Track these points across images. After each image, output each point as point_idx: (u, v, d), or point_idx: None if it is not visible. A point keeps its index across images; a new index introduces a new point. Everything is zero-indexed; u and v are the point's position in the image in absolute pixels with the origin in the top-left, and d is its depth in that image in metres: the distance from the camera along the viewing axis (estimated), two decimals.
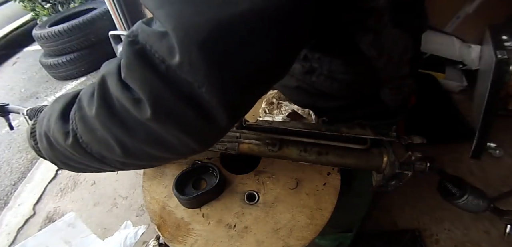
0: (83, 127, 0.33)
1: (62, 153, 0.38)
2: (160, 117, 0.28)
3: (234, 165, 0.63)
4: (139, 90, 0.28)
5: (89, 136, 0.34)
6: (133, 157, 0.33)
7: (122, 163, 0.36)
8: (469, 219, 1.12)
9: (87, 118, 0.33)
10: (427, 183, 1.17)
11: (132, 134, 0.31)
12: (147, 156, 0.34)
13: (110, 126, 0.31)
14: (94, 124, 0.32)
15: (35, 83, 2.77)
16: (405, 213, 1.18)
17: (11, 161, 1.88)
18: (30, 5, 2.94)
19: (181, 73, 0.26)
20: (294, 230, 0.52)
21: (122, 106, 0.30)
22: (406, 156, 0.48)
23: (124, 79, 0.29)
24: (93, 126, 0.32)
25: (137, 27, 0.29)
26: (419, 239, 1.09)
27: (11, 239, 1.34)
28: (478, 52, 1.51)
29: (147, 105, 0.28)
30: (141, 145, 0.32)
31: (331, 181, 0.58)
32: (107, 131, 0.31)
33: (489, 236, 1.07)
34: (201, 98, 0.27)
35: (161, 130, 0.30)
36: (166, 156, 0.34)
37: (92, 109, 0.31)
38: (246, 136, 0.56)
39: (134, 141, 0.31)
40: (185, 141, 0.31)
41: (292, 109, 0.67)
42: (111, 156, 0.34)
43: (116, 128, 0.31)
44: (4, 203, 1.57)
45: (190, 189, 0.57)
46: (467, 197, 0.53)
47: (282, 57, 0.29)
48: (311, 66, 0.57)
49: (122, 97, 0.29)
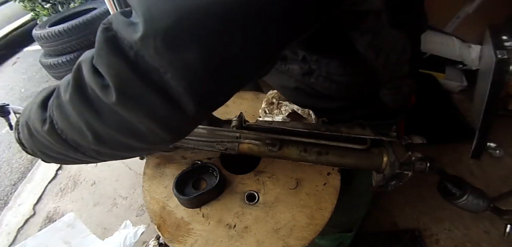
0: (59, 113, 0.34)
1: (40, 141, 0.39)
2: (125, 102, 0.28)
3: (234, 165, 0.63)
4: (106, 75, 0.28)
5: (64, 122, 0.34)
6: (105, 144, 0.34)
7: (96, 151, 0.36)
8: (469, 219, 1.12)
9: (62, 104, 0.33)
10: (427, 183, 1.17)
11: (103, 120, 0.31)
12: (119, 144, 0.34)
13: (82, 111, 0.32)
14: (68, 109, 0.33)
15: (35, 83, 2.77)
16: (405, 213, 1.18)
17: (11, 161, 1.87)
18: (30, 5, 2.93)
19: (149, 59, 0.26)
20: (294, 230, 0.52)
21: (93, 92, 0.30)
22: (406, 156, 0.48)
23: (95, 65, 0.29)
24: (67, 111, 0.33)
25: (112, 15, 0.29)
26: (419, 239, 1.09)
27: (11, 239, 1.34)
28: (478, 52, 1.51)
29: (112, 89, 0.28)
30: (111, 131, 0.32)
31: (331, 181, 0.58)
32: (80, 116, 0.32)
33: (489, 236, 1.07)
34: (168, 84, 0.27)
35: (128, 115, 0.30)
36: (137, 144, 0.34)
37: (67, 94, 0.32)
38: (246, 136, 0.55)
39: (105, 128, 0.32)
40: (152, 129, 0.31)
41: (292, 109, 0.67)
42: (84, 144, 0.35)
43: (88, 113, 0.31)
44: (4, 203, 1.56)
45: (190, 189, 0.57)
46: (467, 197, 0.53)
47: (255, 52, 0.29)
48: (309, 67, 0.57)
49: (92, 82, 0.29)
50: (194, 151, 0.66)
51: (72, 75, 0.32)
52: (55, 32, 2.33)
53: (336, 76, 0.55)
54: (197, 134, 0.58)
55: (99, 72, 0.29)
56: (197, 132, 0.59)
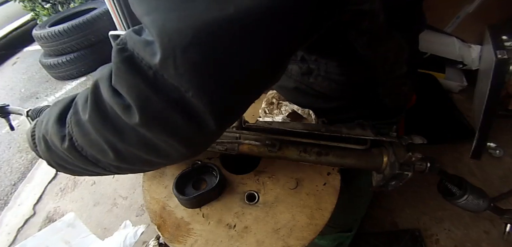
0: (78, 131, 0.34)
1: (59, 155, 0.39)
2: (148, 122, 0.28)
3: (234, 165, 0.63)
4: (127, 96, 0.28)
5: (83, 139, 0.34)
6: (126, 161, 0.34)
7: (116, 167, 0.37)
8: (469, 219, 1.12)
9: (81, 123, 0.33)
10: (427, 183, 1.17)
11: (124, 138, 0.31)
12: (140, 161, 0.34)
13: (102, 130, 0.31)
14: (88, 128, 0.33)
15: (35, 83, 2.77)
16: (405, 213, 1.18)
17: (11, 161, 1.88)
18: (30, 5, 2.93)
19: (168, 78, 0.26)
20: (294, 230, 0.52)
21: (113, 112, 0.30)
22: (406, 156, 0.48)
23: (114, 86, 0.29)
24: (87, 129, 0.33)
25: (126, 35, 0.29)
26: (419, 239, 1.09)
27: (11, 239, 1.34)
28: (478, 52, 1.51)
29: (135, 110, 0.28)
30: (132, 149, 0.32)
31: (331, 181, 0.58)
32: (100, 135, 0.32)
33: (489, 236, 1.07)
34: (189, 103, 0.27)
35: (151, 135, 0.30)
36: (158, 160, 0.34)
37: (86, 113, 0.32)
38: (246, 137, 0.55)
39: (126, 146, 0.32)
40: (174, 146, 0.31)
41: (292, 110, 0.67)
42: (105, 160, 0.35)
43: (108, 132, 0.31)
44: (4, 203, 1.57)
45: (190, 189, 0.57)
46: (467, 196, 0.53)
47: (272, 62, 0.29)
48: (308, 67, 0.57)
49: (113, 102, 0.29)
50: None
51: (90, 95, 0.32)
52: (55, 32, 2.33)
53: (335, 76, 0.55)
54: None
55: (119, 92, 0.29)
56: None
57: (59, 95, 2.47)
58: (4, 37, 3.62)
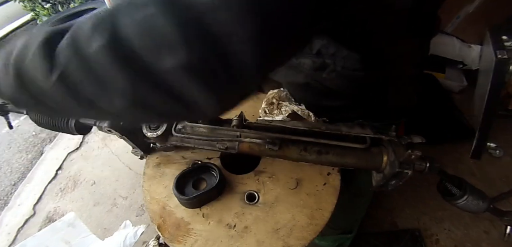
0: (78, 64, 0.28)
1: (35, 91, 0.32)
2: (191, 67, 0.26)
3: (234, 165, 0.63)
4: (176, 31, 0.25)
5: (84, 74, 0.28)
6: (141, 106, 0.29)
7: (118, 114, 0.31)
8: (469, 219, 1.12)
9: (85, 55, 0.27)
10: (427, 183, 1.17)
11: (150, 81, 0.27)
12: (161, 111, 0.30)
13: (121, 68, 0.26)
14: (95, 61, 0.27)
15: None
16: (405, 213, 1.18)
17: (11, 161, 1.87)
18: (30, 5, 2.93)
19: (218, 26, 0.25)
20: (294, 230, 0.52)
21: (143, 51, 0.26)
22: (406, 154, 0.48)
23: (161, 14, 0.25)
24: (93, 64, 0.27)
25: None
26: (419, 239, 1.09)
27: (11, 239, 1.34)
28: (478, 52, 1.51)
29: (180, 50, 0.25)
30: (156, 95, 0.28)
31: (331, 181, 0.58)
32: (117, 72, 0.27)
33: (489, 236, 1.07)
34: (233, 51, 0.25)
35: (189, 84, 0.26)
36: (181, 112, 0.31)
37: (94, 45, 0.27)
38: (247, 135, 0.55)
39: (150, 91, 0.27)
40: (210, 100, 0.28)
41: (292, 110, 0.67)
42: (108, 101, 0.29)
43: (129, 73, 0.27)
44: (4, 203, 1.56)
45: (190, 189, 0.57)
46: (467, 197, 0.53)
47: (305, 10, 0.29)
48: (323, 62, 0.57)
49: (147, 38, 0.25)
50: (194, 151, 0.66)
51: (101, 22, 0.27)
52: None
53: (351, 72, 0.55)
54: (198, 132, 0.58)
55: (160, 27, 0.25)
56: (198, 130, 0.59)
57: None
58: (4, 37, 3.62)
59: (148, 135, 0.58)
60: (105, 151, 1.68)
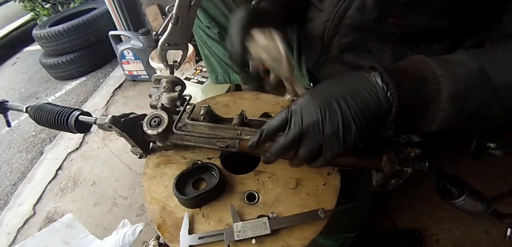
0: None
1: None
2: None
3: (234, 164, 0.63)
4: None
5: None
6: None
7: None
8: (469, 219, 1.11)
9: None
10: (427, 183, 1.17)
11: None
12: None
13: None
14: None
15: (35, 83, 2.77)
16: (405, 213, 1.18)
17: (11, 161, 1.88)
18: (30, 5, 2.94)
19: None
20: (294, 230, 0.52)
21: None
22: (405, 152, 0.48)
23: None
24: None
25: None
26: (419, 239, 1.09)
27: (11, 239, 1.34)
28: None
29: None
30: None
31: (331, 181, 0.58)
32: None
33: (489, 237, 1.07)
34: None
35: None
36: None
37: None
38: (247, 133, 0.55)
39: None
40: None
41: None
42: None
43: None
44: (4, 203, 1.57)
45: (190, 189, 0.57)
46: (465, 197, 0.53)
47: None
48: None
49: None
50: (194, 151, 0.66)
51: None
52: (55, 32, 2.33)
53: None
54: (198, 131, 0.58)
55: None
56: (198, 128, 0.59)
57: (59, 96, 2.47)
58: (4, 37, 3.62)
59: (148, 132, 0.57)
60: (105, 151, 1.68)
